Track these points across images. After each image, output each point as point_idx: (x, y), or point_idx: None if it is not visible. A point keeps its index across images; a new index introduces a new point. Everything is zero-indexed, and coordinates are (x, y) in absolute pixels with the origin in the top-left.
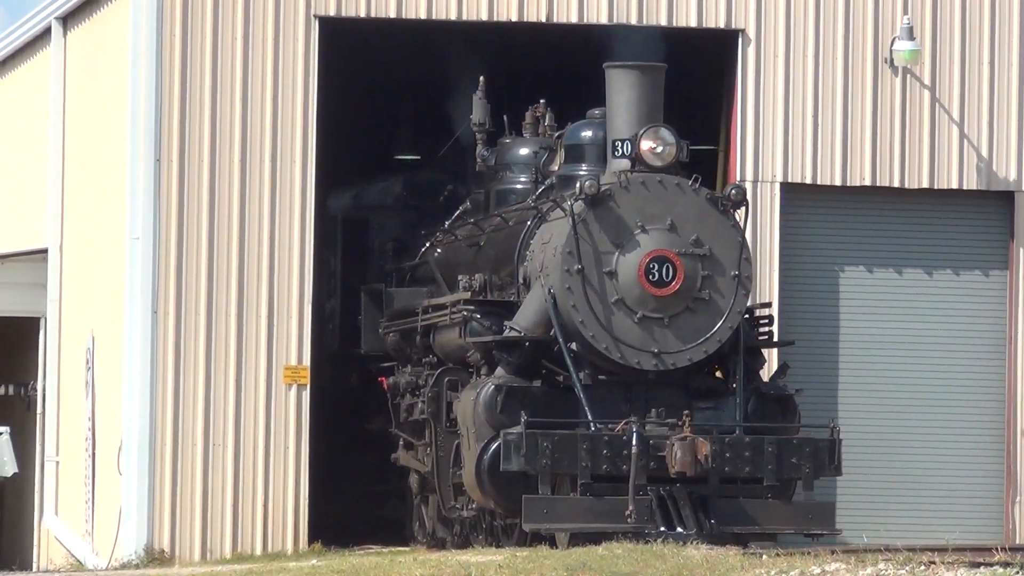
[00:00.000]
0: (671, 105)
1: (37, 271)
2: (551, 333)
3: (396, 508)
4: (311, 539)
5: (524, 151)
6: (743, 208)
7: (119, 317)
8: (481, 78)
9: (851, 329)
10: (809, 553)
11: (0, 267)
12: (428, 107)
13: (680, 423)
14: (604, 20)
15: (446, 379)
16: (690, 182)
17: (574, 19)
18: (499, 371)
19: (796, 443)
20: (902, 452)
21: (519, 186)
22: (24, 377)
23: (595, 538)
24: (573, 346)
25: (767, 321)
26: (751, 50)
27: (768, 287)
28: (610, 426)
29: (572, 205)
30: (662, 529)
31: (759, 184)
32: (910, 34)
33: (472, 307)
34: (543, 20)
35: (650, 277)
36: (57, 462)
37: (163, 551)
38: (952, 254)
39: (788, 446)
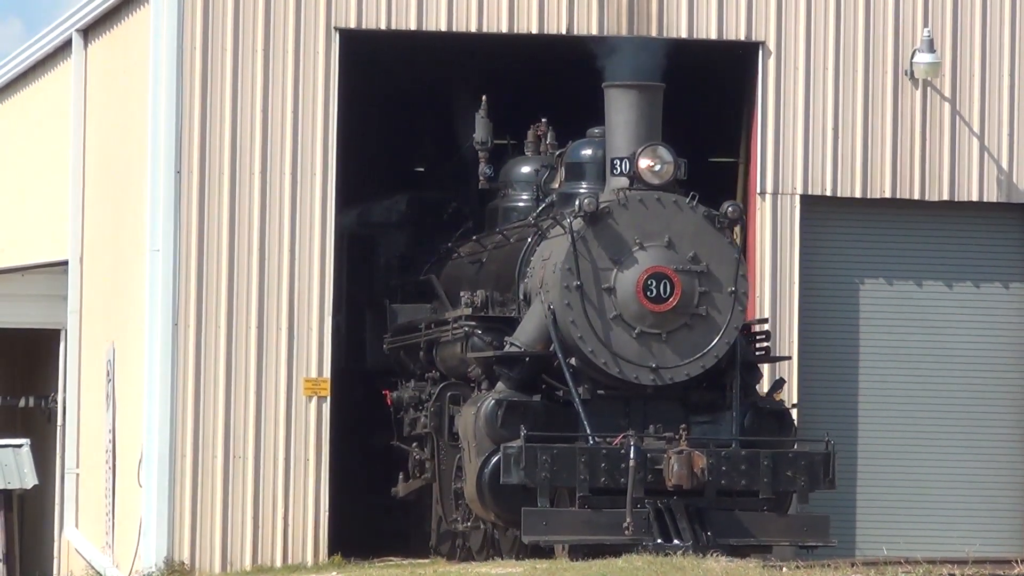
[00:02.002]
0: (690, 117)
1: (57, 283)
2: (551, 348)
3: (400, 521)
4: (331, 551)
5: (526, 169)
6: (740, 224)
7: (139, 329)
8: (484, 97)
9: (871, 341)
10: (829, 565)
11: (21, 279)
12: (445, 122)
13: (677, 437)
14: (624, 32)
15: (448, 394)
16: (687, 200)
17: (594, 31)
18: (500, 386)
19: (791, 457)
20: (922, 464)
21: (521, 203)
22: (44, 389)
23: (594, 550)
24: (572, 361)
25: (764, 337)
26: (771, 62)
27: (788, 299)
28: (608, 440)
29: (571, 222)
30: (659, 541)
31: (779, 196)
32: (930, 47)
33: (473, 323)
34: (563, 32)
35: (648, 293)
36: (77, 474)
37: (183, 563)
38: (972, 266)
39: (783, 459)
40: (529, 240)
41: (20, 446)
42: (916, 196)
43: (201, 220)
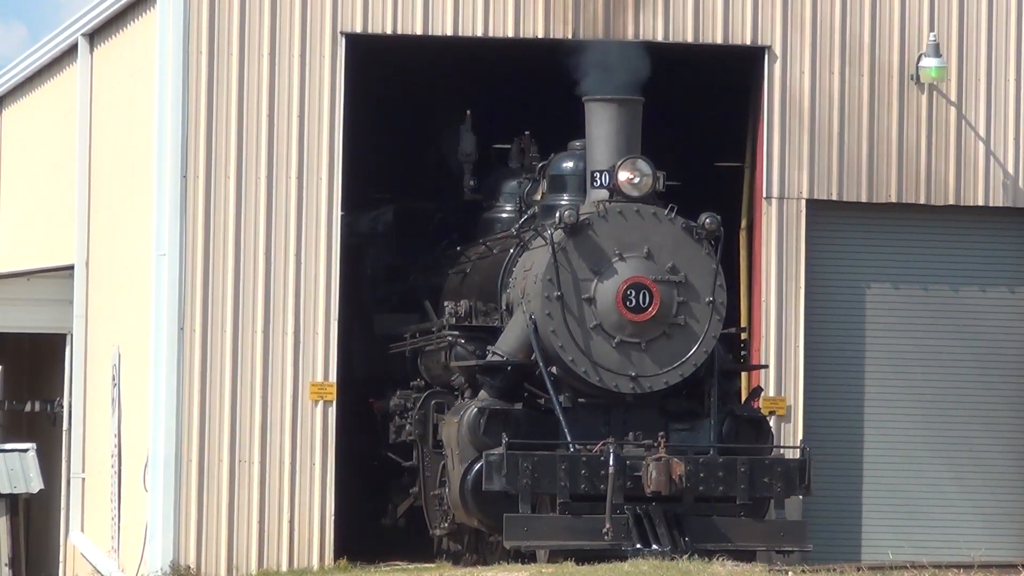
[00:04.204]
0: (696, 122)
1: (63, 287)
2: (532, 358)
3: (404, 525)
4: (337, 555)
5: (509, 181)
6: (719, 236)
7: (145, 333)
8: (468, 112)
9: (877, 345)
10: (834, 570)
11: (26, 284)
12: (440, 131)
13: (656, 444)
14: (630, 36)
15: (432, 402)
16: (666, 211)
17: (600, 35)
18: (482, 394)
19: (768, 463)
20: (928, 468)
21: (504, 215)
22: (50, 394)
23: (581, 556)
24: (553, 370)
25: (742, 345)
26: (777, 67)
27: (794, 303)
28: (588, 447)
29: (552, 234)
30: (638, 546)
31: (785, 201)
32: (936, 51)
33: (457, 332)
34: (569, 37)
35: (627, 303)
36: (83, 479)
37: (189, 567)
38: (978, 271)
39: (760, 466)
40: (511, 251)
41: (26, 450)
42: (922, 200)
43: (207, 224)
